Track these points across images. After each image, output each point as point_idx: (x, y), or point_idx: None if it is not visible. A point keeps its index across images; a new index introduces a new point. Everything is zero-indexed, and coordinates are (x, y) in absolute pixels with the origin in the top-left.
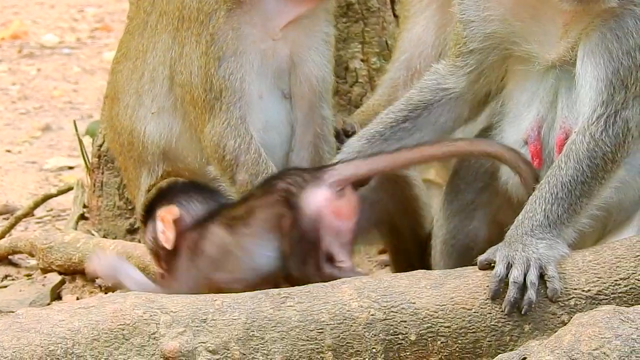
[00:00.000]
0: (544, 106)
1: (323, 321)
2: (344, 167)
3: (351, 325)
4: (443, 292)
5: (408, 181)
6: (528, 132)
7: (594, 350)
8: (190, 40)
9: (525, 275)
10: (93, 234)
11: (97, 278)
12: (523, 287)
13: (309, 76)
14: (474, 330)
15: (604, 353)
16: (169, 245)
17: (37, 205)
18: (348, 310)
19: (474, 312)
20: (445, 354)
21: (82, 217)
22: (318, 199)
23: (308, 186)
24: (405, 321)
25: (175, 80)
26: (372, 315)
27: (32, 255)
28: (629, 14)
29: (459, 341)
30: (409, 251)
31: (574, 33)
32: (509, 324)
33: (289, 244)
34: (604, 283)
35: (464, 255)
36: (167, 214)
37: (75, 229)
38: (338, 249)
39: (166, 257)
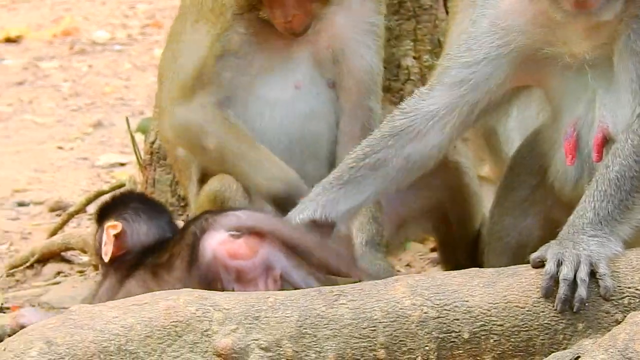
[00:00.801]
0: (582, 105)
1: (376, 319)
2: (247, 216)
3: (404, 323)
4: (496, 290)
5: (459, 168)
6: (565, 129)
7: None
8: (201, 31)
9: (575, 272)
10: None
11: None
12: (574, 285)
13: (353, 67)
14: (527, 328)
15: None
16: (106, 259)
17: (89, 201)
18: (401, 308)
19: (527, 311)
20: (498, 352)
21: None
22: (212, 242)
23: (207, 229)
24: (458, 319)
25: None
26: (425, 313)
27: (85, 252)
28: None
29: (512, 339)
30: (457, 243)
31: (597, 37)
32: (562, 322)
33: (194, 285)
34: None
35: (518, 252)
36: (112, 228)
37: None
38: (240, 286)
39: (102, 263)
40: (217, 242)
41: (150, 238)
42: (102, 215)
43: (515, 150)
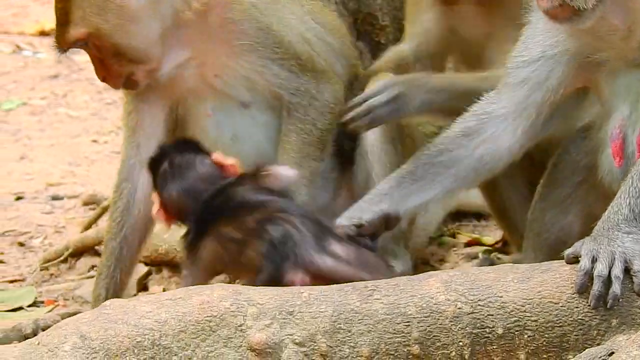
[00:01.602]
0: (627, 107)
1: (410, 314)
2: (335, 262)
3: (438, 319)
4: (530, 285)
5: None
6: (611, 131)
7: None
8: None
9: (610, 269)
10: (179, 225)
11: None
12: (608, 281)
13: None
14: (561, 324)
15: None
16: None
17: (85, 203)
18: (435, 304)
19: (561, 306)
20: (532, 348)
21: None
22: (292, 277)
23: (290, 262)
24: (492, 315)
25: None
26: (459, 308)
27: None
28: None
29: (546, 335)
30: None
31: (633, 42)
32: (596, 319)
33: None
34: None
35: (557, 249)
36: (155, 200)
37: None
38: None
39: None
40: (297, 279)
41: (189, 199)
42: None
43: (559, 147)
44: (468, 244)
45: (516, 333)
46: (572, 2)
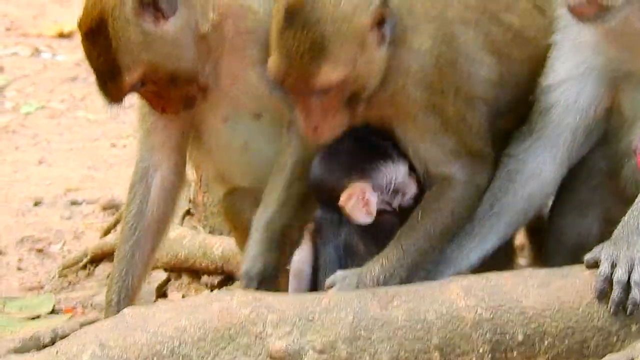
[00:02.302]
0: None
1: (430, 320)
2: None
3: (458, 325)
4: (550, 291)
5: None
6: (635, 143)
7: None
8: None
9: (629, 274)
10: (199, 230)
11: None
12: (627, 287)
13: None
14: (581, 330)
15: None
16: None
17: (105, 208)
18: (455, 310)
19: (581, 312)
20: (552, 354)
21: (188, 212)
22: None
23: None
24: (512, 321)
25: None
26: (479, 314)
27: None
28: None
29: (566, 341)
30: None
31: None
32: (616, 324)
33: None
34: None
35: (576, 253)
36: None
37: (182, 224)
38: None
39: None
40: None
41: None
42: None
43: None
44: None
45: (537, 339)
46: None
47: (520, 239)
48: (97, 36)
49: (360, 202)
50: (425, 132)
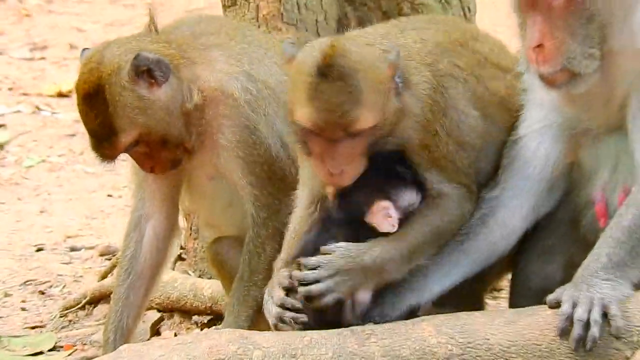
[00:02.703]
0: (607, 171)
1: (404, 356)
2: None
3: None
4: (516, 329)
5: None
6: (594, 194)
7: None
8: None
9: (589, 313)
10: (189, 274)
11: None
12: (587, 325)
13: None
14: None
15: None
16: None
17: (102, 254)
18: (427, 346)
19: (544, 348)
20: None
21: (180, 258)
22: None
23: None
24: (480, 356)
25: None
26: (449, 350)
27: None
28: None
29: None
30: None
31: (614, 104)
32: (576, 359)
33: None
34: None
35: (540, 295)
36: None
37: (173, 269)
38: None
39: None
40: None
41: None
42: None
43: None
44: None
45: None
46: (574, 67)
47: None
48: (94, 100)
49: (385, 217)
50: (418, 166)
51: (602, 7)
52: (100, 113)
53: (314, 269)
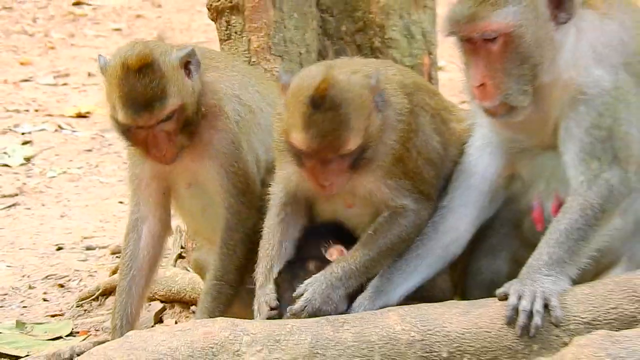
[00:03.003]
0: (542, 182)
1: (373, 341)
2: None
3: (395, 345)
4: (469, 318)
5: None
6: (532, 203)
7: None
8: None
9: (532, 305)
10: (188, 270)
11: None
12: (531, 315)
13: None
14: (493, 349)
15: None
16: None
17: (112, 252)
18: (393, 333)
19: (494, 335)
20: None
21: (180, 256)
22: None
23: None
24: (438, 341)
25: None
26: (412, 336)
27: None
28: (579, 101)
29: (482, 358)
30: None
31: (547, 128)
32: (521, 344)
33: None
34: (598, 311)
35: (489, 288)
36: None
37: (175, 266)
38: None
39: None
40: None
41: None
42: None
43: None
44: None
45: (457, 356)
46: (511, 101)
47: None
48: (149, 69)
49: (340, 254)
50: (390, 177)
51: (534, 50)
52: (154, 80)
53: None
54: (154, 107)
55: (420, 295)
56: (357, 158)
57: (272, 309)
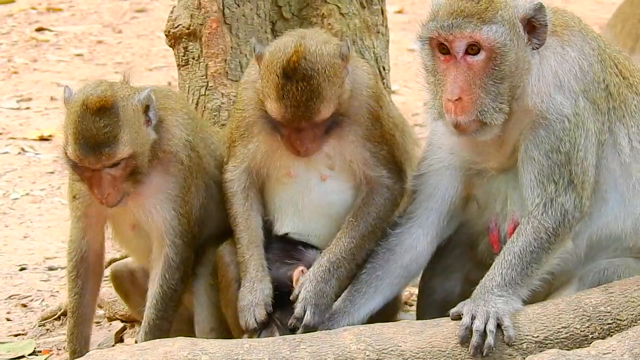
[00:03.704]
0: (499, 204)
1: None
2: None
3: None
4: (423, 337)
5: None
6: (488, 224)
7: None
8: None
9: (485, 325)
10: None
11: None
12: (484, 335)
13: None
14: None
15: None
16: None
17: (105, 267)
18: (348, 352)
19: (448, 354)
20: None
21: None
22: None
23: None
24: None
25: None
26: (367, 356)
27: (101, 307)
28: (540, 125)
29: None
30: None
31: (506, 150)
32: None
33: None
34: (549, 331)
35: (442, 307)
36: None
37: None
38: None
39: None
40: None
41: None
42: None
43: None
44: None
45: None
46: (485, 118)
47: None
48: (106, 113)
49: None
50: (370, 139)
51: (514, 71)
52: (111, 124)
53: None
54: (102, 151)
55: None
56: (331, 124)
57: (267, 314)
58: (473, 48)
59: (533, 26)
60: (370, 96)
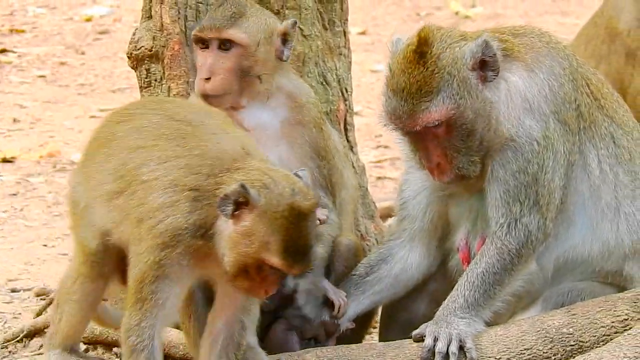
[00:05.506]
0: (469, 223)
1: None
2: None
3: None
4: None
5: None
6: (459, 242)
7: None
8: None
9: (448, 347)
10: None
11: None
12: (446, 357)
13: None
14: None
15: None
16: None
17: None
18: None
19: None
20: None
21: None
22: None
23: None
24: None
25: None
26: None
27: None
28: (509, 147)
29: None
30: None
31: (475, 177)
32: None
33: None
34: (512, 352)
35: (405, 328)
36: None
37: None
38: None
39: None
40: None
41: None
42: None
43: None
44: None
45: None
46: (463, 172)
47: None
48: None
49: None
50: None
51: (475, 121)
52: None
53: None
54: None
55: None
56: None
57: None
58: (433, 124)
59: (484, 61)
60: None
